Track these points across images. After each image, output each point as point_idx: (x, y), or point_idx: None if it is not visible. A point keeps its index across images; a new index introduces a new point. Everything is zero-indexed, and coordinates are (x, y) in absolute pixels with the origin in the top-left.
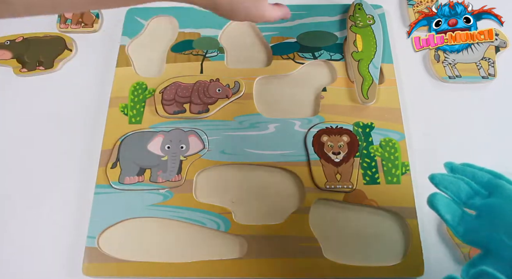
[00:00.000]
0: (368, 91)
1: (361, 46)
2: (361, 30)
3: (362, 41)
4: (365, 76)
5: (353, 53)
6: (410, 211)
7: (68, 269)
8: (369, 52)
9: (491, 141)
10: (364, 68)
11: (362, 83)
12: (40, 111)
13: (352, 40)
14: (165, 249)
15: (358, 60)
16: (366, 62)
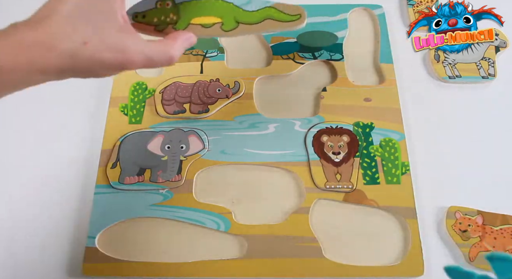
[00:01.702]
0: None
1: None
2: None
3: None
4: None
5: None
6: (410, 211)
7: (68, 269)
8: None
9: (491, 141)
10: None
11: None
12: (40, 112)
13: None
14: (165, 249)
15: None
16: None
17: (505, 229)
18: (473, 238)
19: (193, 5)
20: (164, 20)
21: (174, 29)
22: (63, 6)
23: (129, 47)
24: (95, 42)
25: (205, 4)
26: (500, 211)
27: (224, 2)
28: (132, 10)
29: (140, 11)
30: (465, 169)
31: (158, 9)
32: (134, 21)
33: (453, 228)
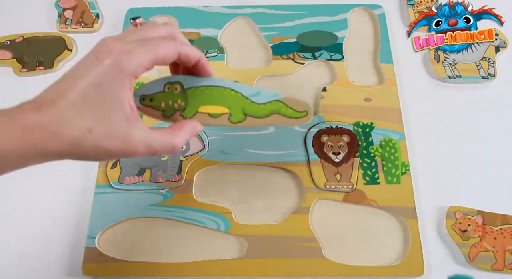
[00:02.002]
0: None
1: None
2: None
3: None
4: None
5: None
6: (410, 211)
7: (68, 269)
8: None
9: (491, 141)
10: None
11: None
12: None
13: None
14: (165, 249)
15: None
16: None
17: (505, 229)
18: (473, 238)
19: (201, 92)
20: (171, 105)
21: (182, 116)
22: (71, 91)
23: (134, 137)
24: (100, 131)
25: (213, 92)
26: (500, 211)
27: (233, 92)
28: (140, 92)
29: (148, 93)
30: (465, 169)
31: (166, 93)
32: (141, 104)
33: (453, 228)
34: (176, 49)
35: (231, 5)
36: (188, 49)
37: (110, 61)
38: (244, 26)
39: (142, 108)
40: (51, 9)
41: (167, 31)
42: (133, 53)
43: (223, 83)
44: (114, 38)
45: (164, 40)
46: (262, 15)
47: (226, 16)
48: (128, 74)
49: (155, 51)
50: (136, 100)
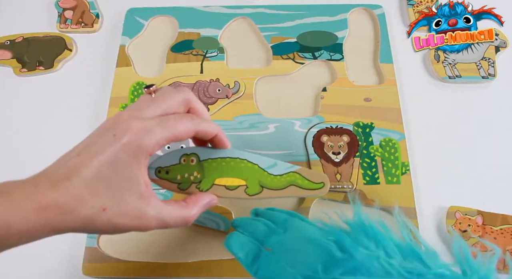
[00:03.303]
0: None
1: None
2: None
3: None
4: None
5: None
6: (410, 211)
7: (68, 269)
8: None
9: (491, 141)
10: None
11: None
12: (40, 112)
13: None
14: (165, 249)
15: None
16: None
17: (505, 229)
18: (473, 238)
19: (218, 164)
20: (187, 178)
21: (198, 189)
22: (86, 169)
23: (147, 214)
24: (114, 209)
25: (230, 164)
26: (500, 211)
27: (250, 163)
28: (156, 164)
29: (164, 166)
30: (465, 169)
31: (182, 165)
32: (157, 176)
33: (453, 228)
34: (194, 128)
35: (231, 5)
36: (205, 126)
37: (128, 139)
38: (244, 26)
39: (157, 181)
40: (51, 9)
41: (183, 99)
42: (152, 132)
43: (239, 154)
44: (131, 114)
45: (182, 119)
46: (262, 15)
47: (226, 16)
48: (144, 153)
49: (173, 131)
50: (151, 172)
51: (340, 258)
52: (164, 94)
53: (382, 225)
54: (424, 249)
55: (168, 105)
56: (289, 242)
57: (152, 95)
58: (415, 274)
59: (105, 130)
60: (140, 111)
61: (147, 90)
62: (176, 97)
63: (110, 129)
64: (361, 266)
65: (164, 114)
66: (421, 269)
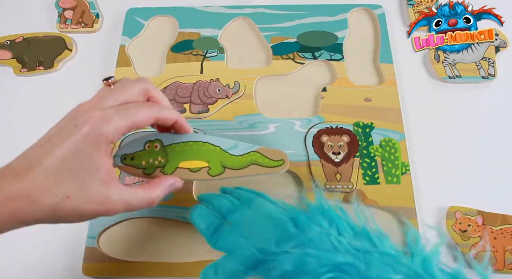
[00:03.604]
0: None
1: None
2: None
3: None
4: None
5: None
6: (410, 211)
7: (68, 269)
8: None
9: (491, 141)
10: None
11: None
12: (40, 112)
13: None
14: (165, 249)
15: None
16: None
17: (505, 229)
18: (473, 238)
19: (181, 148)
20: (152, 163)
21: (162, 172)
22: (48, 160)
23: (111, 198)
24: (77, 196)
25: (192, 147)
26: (500, 211)
27: (211, 146)
28: (121, 151)
29: (129, 153)
30: (465, 169)
31: (147, 151)
32: (122, 163)
33: (453, 228)
34: (153, 115)
35: (231, 5)
36: (165, 113)
37: (88, 129)
38: (244, 26)
39: (123, 167)
40: (51, 9)
41: (142, 88)
42: (111, 121)
43: (201, 138)
44: (91, 105)
45: (141, 107)
46: (262, 15)
47: (226, 16)
48: (105, 141)
49: (132, 118)
50: (117, 160)
51: (294, 233)
52: (123, 85)
53: (340, 209)
54: (379, 231)
55: (127, 96)
56: (249, 217)
57: (111, 86)
58: (361, 252)
59: (66, 121)
60: (100, 102)
61: (106, 82)
62: (134, 87)
63: (71, 120)
64: (311, 242)
65: (124, 104)
66: (368, 247)
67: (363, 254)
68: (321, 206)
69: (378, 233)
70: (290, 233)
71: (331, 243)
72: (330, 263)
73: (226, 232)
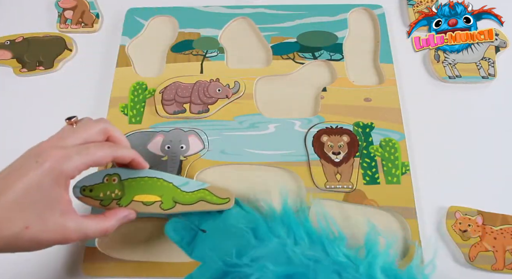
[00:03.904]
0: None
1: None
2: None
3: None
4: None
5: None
6: (410, 211)
7: (68, 269)
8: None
9: (491, 141)
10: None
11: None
12: (40, 112)
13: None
14: (165, 249)
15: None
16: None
17: (505, 229)
18: (473, 238)
19: (137, 183)
20: (109, 195)
21: (118, 205)
22: (10, 192)
23: (68, 228)
24: (36, 227)
25: (147, 183)
26: (500, 211)
27: (165, 182)
28: (81, 183)
29: (88, 184)
30: (465, 169)
31: (105, 184)
32: (81, 194)
33: (453, 228)
34: (111, 154)
35: (231, 5)
36: (122, 152)
37: (50, 165)
38: (244, 26)
39: (82, 198)
40: (51, 9)
41: (102, 128)
42: (72, 159)
43: (156, 174)
44: (52, 144)
45: (101, 146)
46: (262, 15)
47: (226, 16)
48: (65, 177)
49: (91, 157)
50: (77, 191)
51: (254, 244)
52: (84, 125)
53: (302, 216)
54: (335, 236)
55: (88, 135)
56: (219, 226)
57: (73, 126)
58: (313, 261)
59: (29, 157)
60: (62, 140)
61: (69, 122)
62: (95, 127)
63: (33, 156)
64: (269, 254)
65: (84, 142)
66: (321, 257)
67: (314, 263)
68: (284, 213)
69: (335, 237)
70: (250, 244)
71: (286, 254)
72: (284, 275)
73: (201, 241)
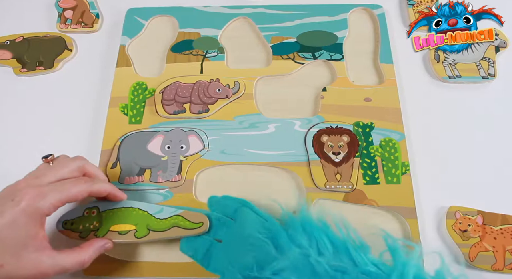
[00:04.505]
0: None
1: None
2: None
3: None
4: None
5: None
6: (410, 211)
7: None
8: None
9: (491, 141)
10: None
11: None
12: (40, 111)
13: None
14: (164, 249)
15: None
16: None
17: (505, 229)
18: (473, 238)
19: (114, 213)
20: (88, 227)
21: (95, 236)
22: None
23: (44, 263)
24: (11, 265)
25: (124, 213)
26: (500, 211)
27: (140, 211)
28: (63, 217)
29: (70, 218)
30: (465, 169)
31: (85, 217)
32: (63, 228)
33: (453, 228)
34: (87, 190)
35: (231, 5)
36: (98, 187)
37: (25, 203)
38: (244, 26)
39: (63, 232)
40: (51, 9)
41: (78, 165)
42: (47, 197)
43: (132, 204)
44: (27, 183)
45: (76, 182)
46: (262, 15)
47: (226, 16)
48: (40, 214)
49: (66, 193)
50: (59, 225)
51: (274, 256)
52: (60, 163)
53: (321, 222)
54: (358, 244)
55: (64, 172)
56: (235, 235)
57: (50, 163)
58: (340, 272)
59: (4, 197)
60: (38, 178)
61: (45, 160)
62: (71, 165)
63: (9, 195)
64: (292, 265)
65: (61, 179)
66: (348, 267)
67: (341, 274)
68: (303, 218)
69: (359, 245)
70: (271, 255)
71: (310, 265)
72: None
73: (216, 253)
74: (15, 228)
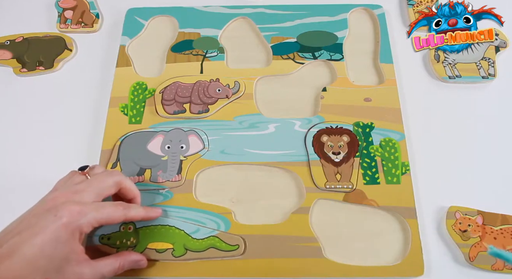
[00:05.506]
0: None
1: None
2: None
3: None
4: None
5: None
6: (410, 211)
7: None
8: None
9: (491, 141)
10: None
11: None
12: (40, 111)
13: None
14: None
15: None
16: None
17: (505, 229)
18: (473, 238)
19: (150, 231)
20: (125, 243)
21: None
22: (27, 248)
23: (86, 275)
24: (54, 278)
25: (160, 231)
26: (500, 211)
27: (177, 229)
28: (99, 232)
29: (106, 233)
30: (465, 169)
31: (121, 233)
32: (100, 242)
33: (453, 228)
34: (124, 216)
35: (231, 5)
36: (133, 213)
37: (67, 220)
38: (244, 26)
39: (100, 246)
40: (51, 9)
41: (115, 181)
42: (87, 215)
43: (169, 222)
44: (68, 198)
45: (116, 208)
46: (262, 15)
47: (226, 16)
48: (80, 231)
49: (106, 217)
50: (96, 239)
51: None
52: (98, 178)
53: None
54: None
55: (102, 188)
56: None
57: (86, 176)
58: None
59: (45, 211)
60: (77, 194)
61: (81, 172)
62: (108, 181)
63: (51, 210)
64: None
65: (99, 196)
66: None
67: None
68: None
69: None
70: None
71: None
72: None
73: None
74: (58, 244)
